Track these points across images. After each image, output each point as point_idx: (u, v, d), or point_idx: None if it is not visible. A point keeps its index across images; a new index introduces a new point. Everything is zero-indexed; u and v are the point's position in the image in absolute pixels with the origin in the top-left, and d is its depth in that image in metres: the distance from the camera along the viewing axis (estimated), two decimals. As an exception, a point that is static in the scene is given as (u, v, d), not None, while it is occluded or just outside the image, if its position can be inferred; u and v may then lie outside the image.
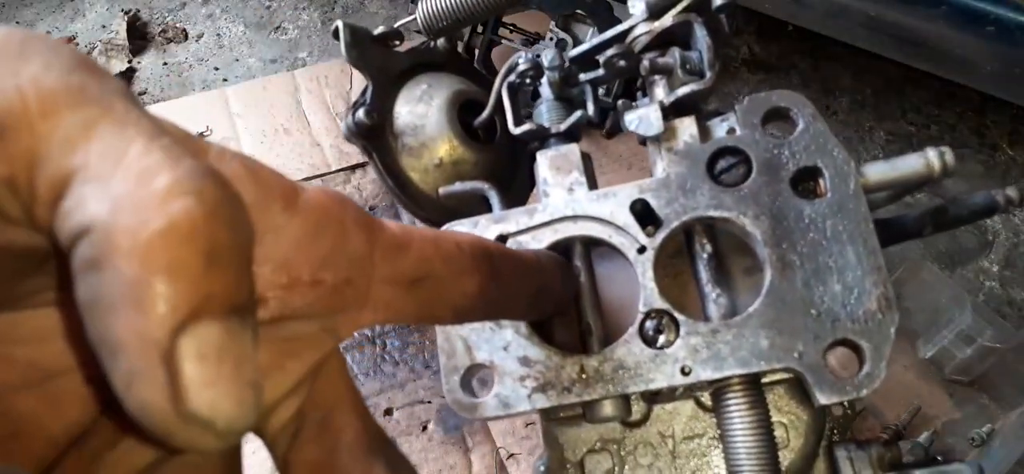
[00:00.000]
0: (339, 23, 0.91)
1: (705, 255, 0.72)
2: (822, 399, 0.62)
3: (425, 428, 1.64)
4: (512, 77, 0.88)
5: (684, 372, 0.65)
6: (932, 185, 0.71)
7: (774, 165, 0.69)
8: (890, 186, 0.71)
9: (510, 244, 0.72)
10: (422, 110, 1.00)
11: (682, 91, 0.73)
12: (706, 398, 0.75)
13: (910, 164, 0.71)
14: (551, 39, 1.96)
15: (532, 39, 1.99)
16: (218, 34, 2.41)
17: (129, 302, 0.20)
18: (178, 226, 0.20)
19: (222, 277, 0.21)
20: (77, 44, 2.34)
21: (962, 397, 1.73)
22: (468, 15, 1.00)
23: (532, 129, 0.84)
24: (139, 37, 2.37)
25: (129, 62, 2.28)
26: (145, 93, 2.24)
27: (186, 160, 0.21)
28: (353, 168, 2.00)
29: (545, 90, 0.87)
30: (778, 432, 0.69)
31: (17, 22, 2.37)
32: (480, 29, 1.99)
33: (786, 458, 0.74)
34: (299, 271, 0.29)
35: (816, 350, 0.64)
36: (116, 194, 0.20)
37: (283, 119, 2.09)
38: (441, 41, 1.11)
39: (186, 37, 2.39)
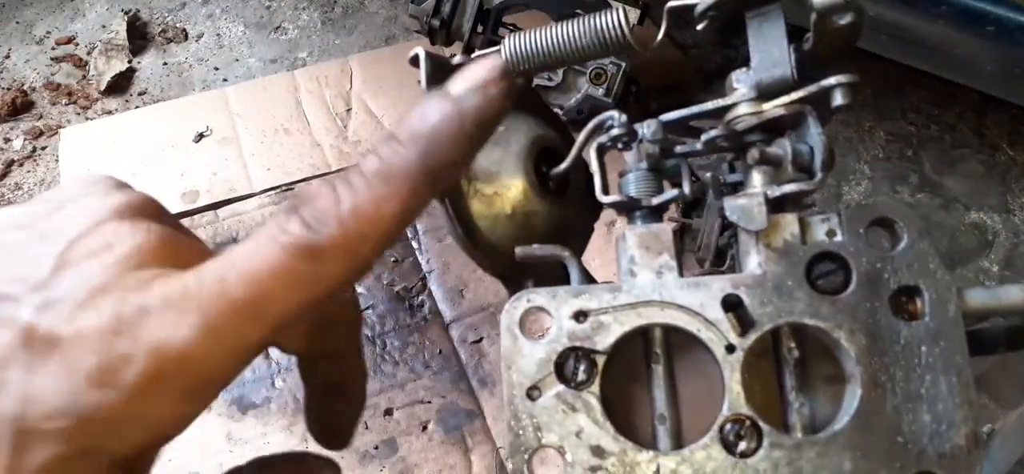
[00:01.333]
0: (420, 51, 0.86)
1: (791, 360, 0.70)
2: None
3: (425, 428, 1.64)
4: (603, 138, 0.86)
5: None
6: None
7: (874, 279, 0.68)
8: (989, 314, 0.71)
9: (589, 322, 0.70)
10: (498, 155, 0.96)
11: (789, 188, 0.71)
12: None
13: (1013, 295, 0.69)
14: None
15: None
16: (218, 34, 2.41)
17: None
18: None
19: None
20: (77, 44, 2.34)
21: (962, 397, 1.73)
22: (554, 60, 0.97)
23: (622, 201, 0.81)
24: (139, 37, 2.37)
25: (129, 62, 2.28)
26: (145, 93, 2.24)
27: None
28: (353, 168, 2.00)
29: (635, 158, 0.85)
30: None
31: (17, 22, 2.37)
32: (480, 28, 2.00)
33: None
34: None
35: None
36: None
37: (283, 119, 2.09)
38: (520, 79, 1.08)
39: (186, 37, 2.39)
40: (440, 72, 0.91)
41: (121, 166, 1.97)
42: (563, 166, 0.95)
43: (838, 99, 0.74)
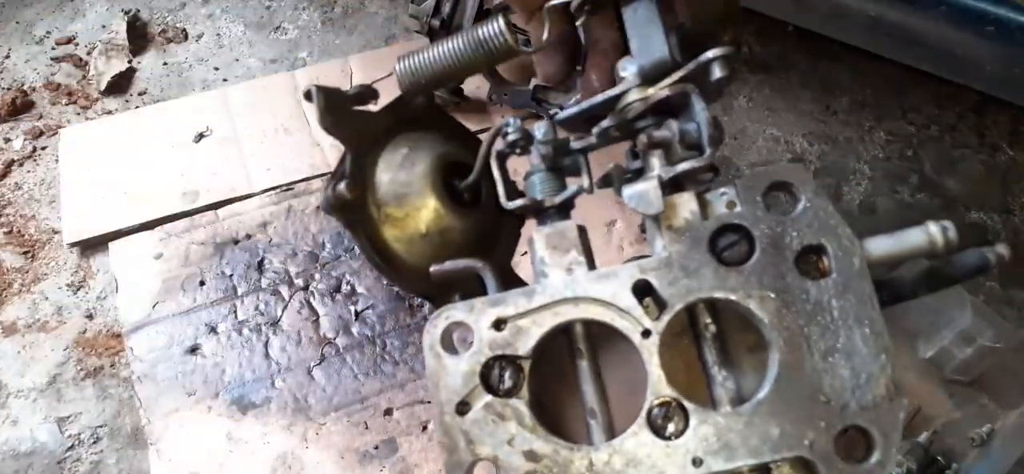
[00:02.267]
0: (313, 87, 0.86)
1: (709, 335, 0.71)
2: None
3: (425, 428, 1.64)
4: (500, 145, 0.86)
5: (695, 463, 0.64)
6: (933, 256, 0.71)
7: (777, 242, 0.68)
8: (893, 261, 0.70)
9: (508, 329, 0.70)
10: (404, 177, 0.94)
11: (682, 167, 0.72)
12: None
13: (913, 239, 0.70)
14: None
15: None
16: (218, 34, 2.41)
17: None
18: None
19: None
20: (77, 44, 2.34)
21: (962, 397, 1.73)
22: (446, 75, 0.96)
23: (526, 204, 0.81)
24: (139, 37, 2.37)
25: (129, 62, 2.28)
26: (145, 93, 2.24)
27: None
28: (332, 175, 2.00)
29: (536, 161, 0.84)
30: None
31: (17, 22, 2.37)
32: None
33: None
34: None
35: (827, 438, 0.63)
36: None
37: (283, 119, 2.09)
38: (419, 97, 1.07)
39: (186, 37, 2.39)
40: (335, 107, 0.89)
41: (121, 166, 1.97)
42: (470, 179, 0.94)
43: (717, 72, 0.75)
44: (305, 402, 1.65)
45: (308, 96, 0.88)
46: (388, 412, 1.66)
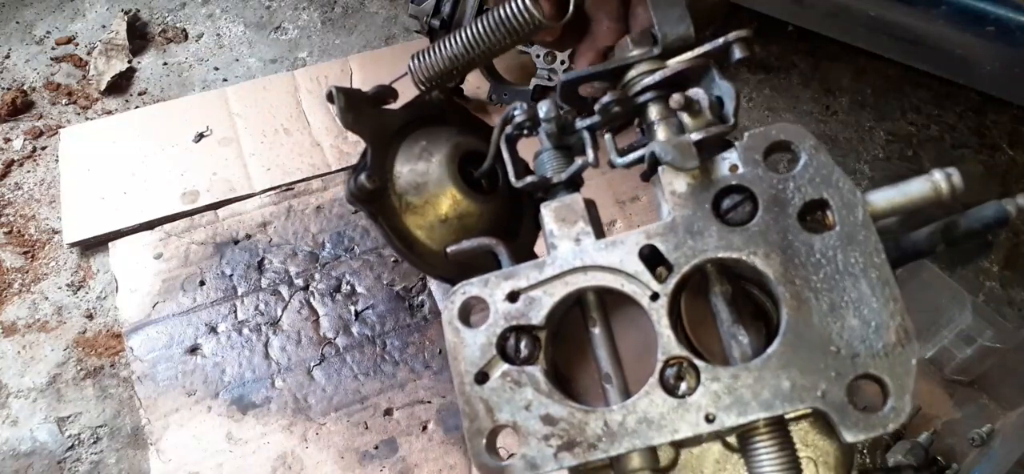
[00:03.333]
0: (333, 88, 0.89)
1: (724, 296, 0.71)
2: (849, 437, 0.62)
3: (425, 428, 1.64)
4: (509, 129, 0.88)
5: (708, 419, 0.64)
6: (940, 204, 0.71)
7: (780, 200, 0.69)
8: (898, 211, 0.71)
9: (522, 300, 0.72)
10: (422, 168, 0.98)
11: (712, 131, 0.73)
12: (733, 439, 0.75)
13: (917, 188, 0.70)
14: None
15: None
16: (218, 34, 2.41)
17: None
18: None
19: None
20: (77, 44, 2.34)
21: (962, 397, 1.73)
22: (458, 68, 0.99)
23: (534, 181, 0.83)
24: (139, 37, 2.37)
25: (129, 62, 2.28)
26: (145, 93, 2.24)
27: None
28: (354, 169, 2.00)
29: (544, 141, 0.87)
30: (807, 469, 0.68)
31: (17, 22, 2.37)
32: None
33: None
34: None
35: (839, 388, 0.63)
36: None
37: (283, 119, 2.09)
38: (435, 92, 1.10)
39: (186, 37, 2.39)
40: (355, 105, 0.93)
41: (121, 166, 1.97)
42: (485, 165, 0.97)
43: (737, 53, 0.76)
44: (305, 402, 1.65)
45: (330, 98, 0.91)
46: (388, 412, 1.66)
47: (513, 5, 0.93)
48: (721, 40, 0.76)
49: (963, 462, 1.61)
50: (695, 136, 0.73)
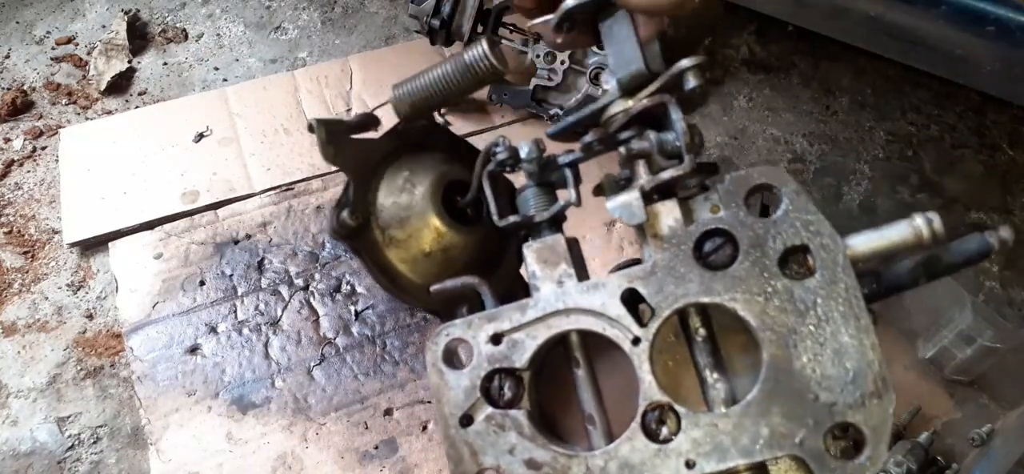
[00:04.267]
0: (314, 120, 0.88)
1: (699, 339, 0.72)
2: None
3: (425, 428, 1.64)
4: (491, 166, 0.87)
5: (688, 465, 0.65)
6: (922, 249, 0.70)
7: (760, 245, 0.69)
8: (878, 256, 0.70)
9: (505, 342, 0.72)
10: (406, 200, 0.96)
11: (662, 177, 0.72)
12: None
13: (898, 233, 0.70)
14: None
15: (532, 39, 2.00)
16: (218, 34, 2.41)
17: None
18: None
19: None
20: (77, 44, 2.34)
21: (962, 397, 1.73)
22: (440, 100, 0.98)
23: (516, 221, 0.83)
24: (139, 37, 2.37)
25: (129, 62, 2.28)
26: (145, 93, 2.24)
27: None
28: (336, 204, 2.01)
29: (526, 177, 0.86)
30: None
31: (17, 22, 2.37)
32: (480, 28, 2.00)
33: None
34: None
35: (816, 436, 0.64)
36: None
37: (283, 119, 2.10)
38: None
39: (186, 37, 2.39)
40: (336, 138, 0.92)
41: (121, 166, 1.97)
42: (469, 196, 0.96)
43: (690, 81, 0.75)
44: (305, 402, 1.65)
45: (310, 129, 0.90)
46: (388, 412, 1.66)
47: (473, 53, 0.93)
48: (672, 70, 0.76)
49: (963, 462, 1.61)
50: (646, 185, 0.73)
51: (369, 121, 0.97)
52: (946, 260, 0.74)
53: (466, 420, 0.71)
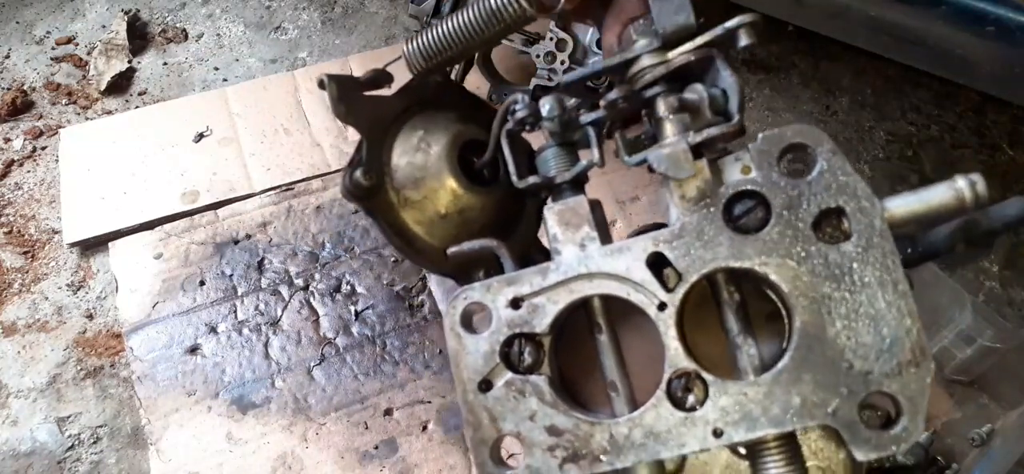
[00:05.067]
0: (325, 76, 0.85)
1: (732, 305, 0.69)
2: (860, 456, 0.60)
3: (425, 428, 1.64)
4: (510, 124, 0.84)
5: (716, 434, 0.63)
6: (963, 213, 0.67)
7: (794, 207, 0.66)
8: (918, 220, 0.67)
9: (525, 307, 0.70)
10: (421, 160, 0.92)
11: (711, 132, 0.69)
12: (741, 446, 0.73)
13: (938, 196, 0.66)
14: (551, 39, 1.96)
15: (532, 39, 2.00)
16: (218, 34, 2.41)
17: None
18: None
19: None
20: (77, 44, 2.34)
21: (962, 397, 1.73)
22: (457, 52, 0.94)
23: (538, 181, 0.80)
24: (139, 37, 2.37)
25: (129, 62, 2.28)
26: (145, 93, 2.24)
27: None
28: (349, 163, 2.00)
29: (547, 137, 0.83)
30: None
31: (17, 22, 2.37)
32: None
33: None
34: None
35: (850, 406, 0.61)
36: None
37: (283, 119, 2.09)
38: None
39: (186, 37, 2.39)
40: (348, 94, 0.89)
41: (121, 166, 1.97)
42: (486, 157, 0.92)
43: (743, 40, 0.72)
44: (305, 402, 1.65)
45: (321, 85, 0.87)
46: (388, 412, 1.66)
47: None
48: (724, 26, 0.72)
49: (963, 462, 1.60)
50: (692, 140, 0.70)
51: (381, 77, 0.93)
52: (986, 225, 0.71)
53: (485, 385, 0.69)
